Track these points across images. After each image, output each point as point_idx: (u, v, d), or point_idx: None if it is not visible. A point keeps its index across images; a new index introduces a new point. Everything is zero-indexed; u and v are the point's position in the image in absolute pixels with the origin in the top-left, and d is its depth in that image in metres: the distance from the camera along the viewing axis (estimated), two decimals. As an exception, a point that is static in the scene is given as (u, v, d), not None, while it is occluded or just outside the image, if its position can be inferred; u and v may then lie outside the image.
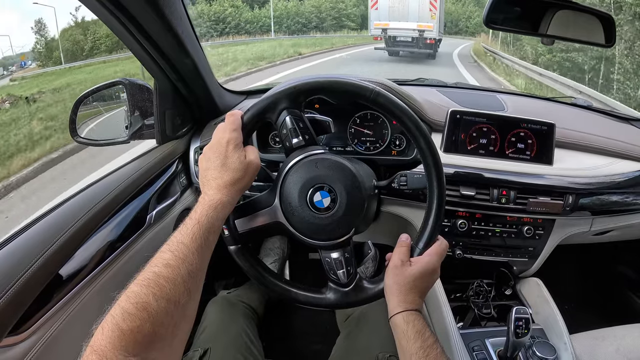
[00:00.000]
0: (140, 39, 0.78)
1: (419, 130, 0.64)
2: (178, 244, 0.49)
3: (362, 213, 0.64)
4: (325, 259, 0.66)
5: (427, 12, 11.28)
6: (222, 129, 0.61)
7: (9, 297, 0.56)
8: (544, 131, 0.99)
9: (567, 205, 0.98)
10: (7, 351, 0.59)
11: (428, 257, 0.63)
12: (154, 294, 0.43)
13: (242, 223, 0.65)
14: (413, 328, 0.57)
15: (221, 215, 0.55)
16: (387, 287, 0.63)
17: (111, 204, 0.83)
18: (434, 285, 0.65)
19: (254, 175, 0.60)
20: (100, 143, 1.05)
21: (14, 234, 0.69)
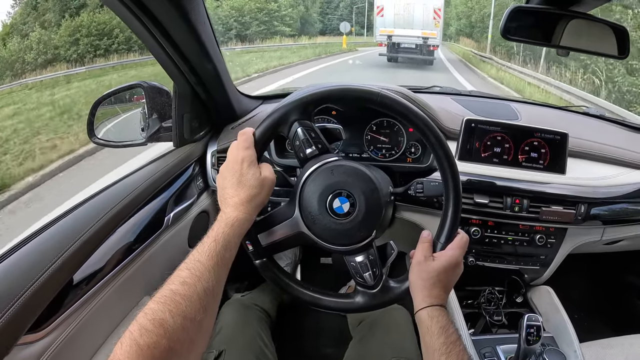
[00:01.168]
0: (164, 43, 0.79)
1: (427, 126, 0.65)
2: (195, 262, 0.50)
3: (381, 215, 0.65)
4: (351, 264, 0.66)
5: (432, 20, 11.71)
6: (236, 147, 0.62)
7: (28, 295, 0.57)
8: (557, 141, 1.00)
9: (579, 215, 0.99)
10: (25, 349, 0.59)
11: (451, 250, 0.64)
12: (170, 311, 0.45)
13: (265, 237, 0.66)
14: (437, 323, 0.58)
15: (238, 232, 0.56)
16: (412, 283, 0.64)
17: (130, 206, 0.84)
18: (457, 279, 0.66)
19: (270, 191, 0.62)
20: (118, 145, 1.06)
21: (34, 232, 0.70)
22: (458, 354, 0.55)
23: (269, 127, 0.65)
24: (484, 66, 12.38)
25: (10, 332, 0.54)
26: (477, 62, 13.99)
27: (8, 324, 0.53)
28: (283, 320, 1.17)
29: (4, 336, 0.53)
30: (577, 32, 0.97)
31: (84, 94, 9.69)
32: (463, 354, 0.55)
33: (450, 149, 0.67)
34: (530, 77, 9.02)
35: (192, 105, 0.98)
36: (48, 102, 8.91)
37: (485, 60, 13.29)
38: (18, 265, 0.61)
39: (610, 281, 1.41)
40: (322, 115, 1.01)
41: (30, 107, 8.82)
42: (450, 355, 0.54)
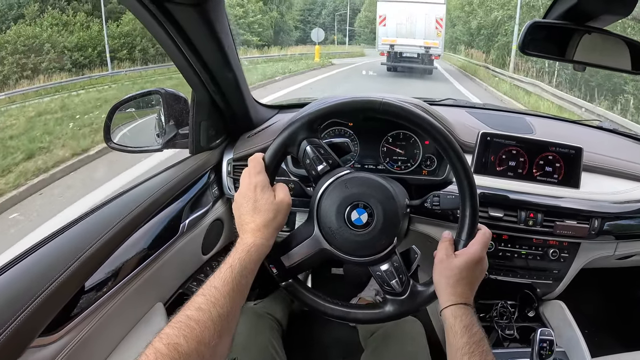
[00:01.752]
0: (187, 52, 0.80)
1: (433, 128, 0.66)
2: (210, 287, 0.52)
3: (399, 221, 0.66)
4: (377, 273, 0.67)
5: (434, 30, 11.93)
6: (248, 174, 0.64)
7: (43, 298, 0.57)
8: (572, 155, 1.01)
9: (592, 229, 0.99)
10: (38, 351, 0.59)
11: (472, 247, 0.64)
12: (185, 336, 0.46)
13: (288, 258, 0.67)
14: (461, 322, 0.58)
15: (255, 257, 0.57)
16: (436, 282, 0.65)
17: (147, 211, 0.84)
18: (483, 276, 0.66)
19: (287, 213, 0.63)
20: (134, 150, 1.07)
21: (50, 235, 0.70)
22: (481, 353, 0.54)
23: (278, 150, 0.66)
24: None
25: (25, 334, 0.55)
26: (485, 76, 12.68)
27: (22, 326, 0.53)
28: (293, 330, 1.17)
29: (18, 338, 0.53)
30: (592, 47, 0.97)
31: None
32: (486, 354, 0.55)
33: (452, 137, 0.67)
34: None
35: (210, 114, 0.99)
36: None
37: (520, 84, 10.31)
38: (34, 268, 0.62)
39: (623, 296, 1.41)
40: (339, 127, 1.01)
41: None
42: (474, 355, 0.54)
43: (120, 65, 15.72)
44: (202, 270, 1.08)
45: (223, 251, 1.14)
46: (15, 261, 0.62)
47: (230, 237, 1.15)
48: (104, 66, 15.40)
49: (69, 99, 9.12)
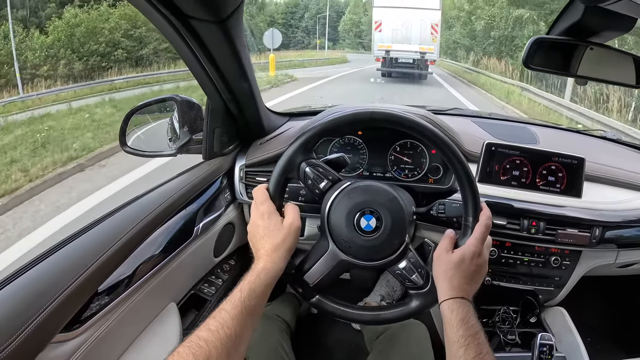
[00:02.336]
0: (205, 63, 0.83)
1: (423, 127, 0.69)
2: (220, 311, 0.55)
3: (406, 221, 0.69)
4: (396, 272, 0.70)
5: (429, 35, 12.04)
6: (255, 205, 0.68)
7: (64, 296, 0.60)
8: (574, 165, 1.03)
9: (593, 238, 1.02)
10: (59, 347, 0.62)
11: (470, 241, 0.66)
12: (194, 354, 0.49)
13: (310, 276, 0.70)
14: (457, 316, 0.60)
15: (264, 280, 0.60)
16: (434, 278, 0.67)
17: (163, 214, 0.87)
18: (483, 273, 0.67)
19: (297, 235, 0.66)
20: (148, 154, 1.10)
21: (71, 236, 0.73)
22: (477, 346, 0.56)
23: (279, 177, 0.69)
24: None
25: (47, 330, 0.58)
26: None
27: (45, 322, 0.56)
28: (300, 332, 1.20)
29: (41, 333, 0.56)
30: (595, 62, 1.00)
31: None
32: (482, 346, 0.56)
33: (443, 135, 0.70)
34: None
35: (224, 121, 1.02)
36: None
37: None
38: (56, 267, 0.65)
39: (624, 304, 1.42)
40: (348, 136, 1.05)
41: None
42: (470, 347, 0.56)
43: (43, 86, 11.77)
44: (213, 272, 1.11)
45: (234, 254, 1.17)
46: (39, 260, 0.65)
47: (241, 241, 1.18)
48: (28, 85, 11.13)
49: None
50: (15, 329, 0.53)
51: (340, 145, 1.05)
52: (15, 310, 0.55)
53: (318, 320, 1.36)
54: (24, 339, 0.53)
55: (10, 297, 0.57)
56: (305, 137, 0.69)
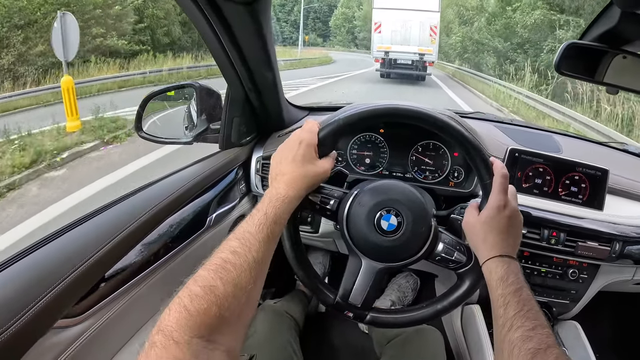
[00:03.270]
0: (229, 48, 0.81)
1: (426, 115, 0.66)
2: (244, 232, 0.50)
3: (426, 205, 0.67)
4: (437, 259, 0.67)
5: (428, 37, 12.04)
6: (298, 131, 0.64)
7: (69, 280, 0.58)
8: (598, 176, 1.01)
9: (613, 252, 0.99)
10: (61, 332, 0.60)
11: (491, 196, 0.62)
12: (222, 278, 0.45)
13: (356, 296, 0.67)
14: (495, 275, 0.57)
15: (287, 208, 0.56)
16: (471, 247, 0.64)
17: (176, 202, 0.85)
18: (518, 224, 0.63)
19: (323, 176, 0.62)
20: (164, 141, 1.08)
21: (80, 219, 0.71)
22: (517, 303, 0.52)
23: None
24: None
25: (49, 314, 0.56)
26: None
27: (48, 306, 0.54)
28: (308, 331, 1.17)
29: (43, 317, 0.54)
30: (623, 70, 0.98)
31: None
32: (524, 303, 0.52)
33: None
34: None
35: (243, 110, 1.00)
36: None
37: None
38: (63, 250, 0.63)
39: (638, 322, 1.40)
40: (369, 133, 1.02)
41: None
42: (509, 305, 0.52)
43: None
44: (222, 265, 1.09)
45: None
46: (45, 241, 0.63)
47: None
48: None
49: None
50: (17, 312, 0.51)
51: (360, 143, 1.02)
52: (18, 292, 0.53)
53: (325, 319, 1.34)
54: (25, 322, 0.51)
55: (14, 278, 0.55)
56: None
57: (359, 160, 1.03)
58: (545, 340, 0.47)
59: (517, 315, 0.51)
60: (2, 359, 0.50)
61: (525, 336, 0.48)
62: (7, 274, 0.56)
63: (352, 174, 1.02)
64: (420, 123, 0.66)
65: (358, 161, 1.03)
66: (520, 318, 0.50)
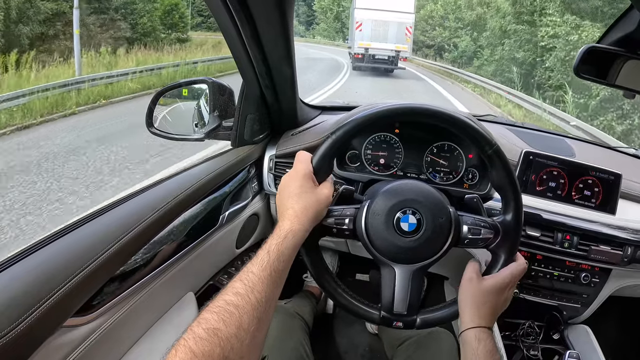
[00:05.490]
0: (249, 42, 0.79)
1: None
2: (247, 272, 0.51)
3: (441, 197, 0.67)
4: (465, 242, 0.66)
5: (404, 36, 13.55)
6: (298, 161, 0.65)
7: (80, 278, 0.57)
8: (611, 181, 1.01)
9: (625, 257, 0.99)
10: (70, 331, 0.59)
11: (504, 272, 0.64)
12: (224, 320, 0.45)
13: (399, 304, 0.66)
14: (484, 347, 0.57)
15: (291, 243, 0.56)
16: (461, 301, 0.64)
17: (188, 199, 0.84)
18: (504, 307, 0.65)
19: (326, 205, 0.63)
20: (175, 137, 1.06)
21: (91, 214, 0.69)
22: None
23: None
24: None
25: (59, 313, 0.54)
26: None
27: (58, 304, 0.53)
28: (317, 331, 1.16)
29: (53, 315, 0.53)
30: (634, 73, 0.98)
31: None
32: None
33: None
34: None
35: (258, 108, 0.99)
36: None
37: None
38: (73, 247, 0.61)
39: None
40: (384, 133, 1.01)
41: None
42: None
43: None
44: (233, 264, 1.07)
45: (255, 247, 1.13)
46: (53, 238, 0.62)
47: (264, 233, 1.14)
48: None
49: None
50: (26, 310, 0.49)
51: (375, 143, 1.01)
52: (28, 290, 0.52)
53: (333, 320, 1.33)
54: (34, 320, 0.50)
55: (23, 275, 0.54)
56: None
57: (374, 161, 1.02)
58: None
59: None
60: (11, 357, 0.48)
61: None
62: (16, 271, 0.54)
63: (366, 174, 1.01)
64: (433, 120, 0.67)
65: (372, 161, 1.02)
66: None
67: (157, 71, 10.14)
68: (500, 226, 0.67)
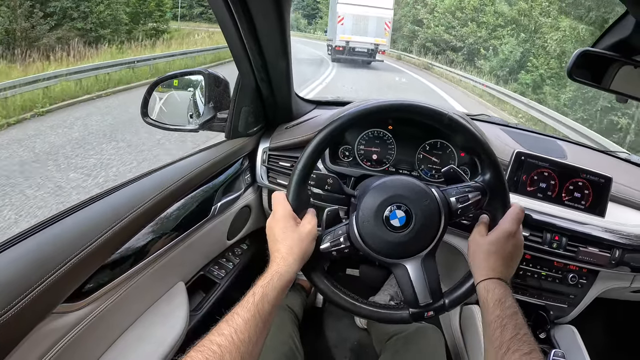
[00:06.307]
0: (245, 35, 0.80)
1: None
2: (232, 314, 0.53)
3: (424, 189, 0.67)
4: (459, 212, 0.67)
5: (383, 30, 14.29)
6: (275, 203, 0.65)
7: (71, 265, 0.57)
8: (601, 184, 1.02)
9: (613, 259, 1.00)
10: (60, 318, 0.59)
11: (502, 222, 0.65)
12: (207, 358, 0.47)
13: (422, 295, 0.65)
14: (493, 296, 0.58)
15: (277, 285, 0.57)
16: (470, 263, 0.66)
17: (180, 189, 0.84)
18: (519, 255, 0.66)
19: (311, 241, 0.63)
20: (169, 127, 1.06)
21: (83, 202, 0.69)
22: (514, 327, 0.54)
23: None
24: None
25: (49, 299, 0.55)
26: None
27: (48, 290, 0.53)
28: (306, 324, 1.17)
29: (42, 302, 0.53)
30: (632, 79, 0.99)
31: None
32: (520, 327, 0.54)
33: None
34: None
35: (252, 100, 0.99)
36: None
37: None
38: (63, 234, 0.61)
39: (633, 330, 1.42)
40: (378, 129, 1.02)
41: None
42: (506, 328, 0.54)
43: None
44: (224, 255, 1.08)
45: (246, 238, 1.14)
46: (45, 225, 0.62)
47: (255, 225, 1.14)
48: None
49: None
50: (16, 296, 0.50)
51: (368, 138, 1.02)
52: (18, 276, 0.52)
53: (322, 314, 1.34)
54: (24, 306, 0.50)
55: (13, 261, 0.54)
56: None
57: (366, 156, 1.03)
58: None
59: (514, 338, 0.53)
60: (0, 342, 0.48)
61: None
62: (8, 257, 0.54)
63: (358, 169, 1.02)
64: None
65: (365, 157, 1.03)
66: (517, 342, 0.52)
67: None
68: (484, 185, 0.68)
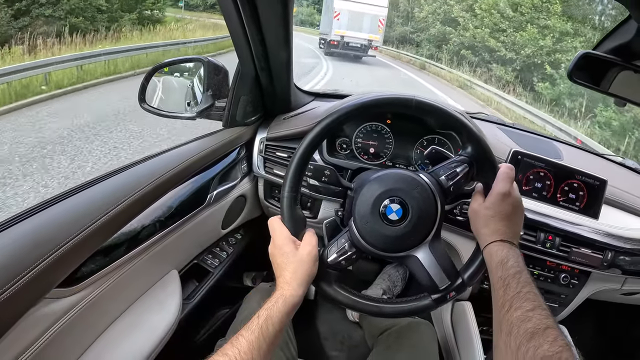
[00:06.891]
0: (248, 23, 0.79)
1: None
2: (237, 335, 0.53)
3: (406, 171, 0.67)
4: (452, 189, 0.67)
5: (377, 27, 14.87)
6: (272, 230, 0.66)
7: (65, 250, 0.57)
8: (596, 186, 1.02)
9: (605, 261, 1.01)
10: (53, 303, 0.59)
11: (495, 184, 0.65)
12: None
13: (439, 278, 0.65)
14: (495, 259, 0.58)
15: (282, 308, 0.57)
16: (474, 232, 0.66)
17: (177, 177, 0.83)
18: (520, 212, 0.65)
19: (314, 262, 0.63)
20: (166, 114, 1.05)
21: (77, 187, 0.69)
22: (517, 284, 0.53)
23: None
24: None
25: (42, 284, 0.54)
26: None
27: (41, 274, 0.53)
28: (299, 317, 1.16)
29: (35, 286, 0.53)
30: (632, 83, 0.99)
31: None
32: (523, 284, 0.53)
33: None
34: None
35: (251, 89, 0.98)
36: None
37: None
38: (57, 219, 0.61)
39: (622, 332, 1.43)
40: (376, 123, 1.01)
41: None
42: (509, 287, 0.53)
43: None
44: (218, 244, 1.07)
45: (240, 228, 1.13)
46: (39, 208, 0.61)
47: (250, 215, 1.14)
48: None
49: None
50: (9, 280, 0.49)
51: (367, 132, 1.02)
52: (11, 260, 0.51)
53: (315, 307, 1.34)
54: (17, 290, 0.49)
55: (7, 245, 0.53)
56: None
57: (364, 149, 1.02)
58: (544, 321, 0.48)
59: (517, 296, 0.52)
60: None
61: (524, 317, 0.49)
62: (1, 240, 0.54)
63: (355, 162, 1.01)
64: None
65: (362, 150, 1.02)
66: (520, 299, 0.51)
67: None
68: (468, 157, 0.68)
